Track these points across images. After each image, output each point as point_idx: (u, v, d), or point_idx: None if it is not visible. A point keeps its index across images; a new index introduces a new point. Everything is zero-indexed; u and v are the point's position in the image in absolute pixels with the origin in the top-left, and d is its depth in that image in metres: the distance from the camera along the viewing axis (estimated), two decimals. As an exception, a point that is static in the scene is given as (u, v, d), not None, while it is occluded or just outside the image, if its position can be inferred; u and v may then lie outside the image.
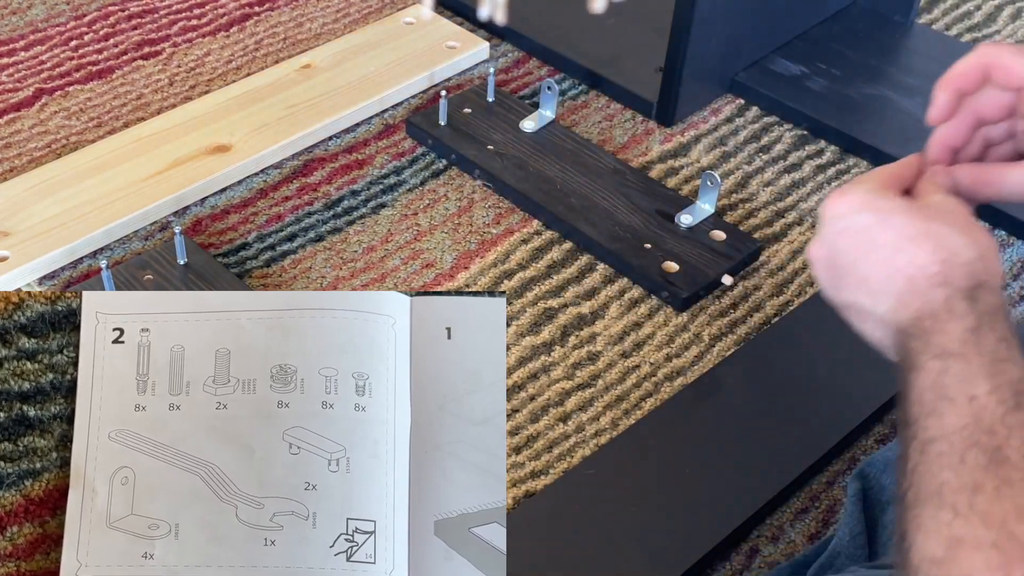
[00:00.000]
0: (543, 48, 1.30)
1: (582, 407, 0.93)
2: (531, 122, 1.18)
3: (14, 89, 1.21)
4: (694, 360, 0.97)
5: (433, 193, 1.12)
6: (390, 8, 1.36)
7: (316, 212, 1.09)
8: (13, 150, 1.14)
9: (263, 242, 1.06)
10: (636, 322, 1.00)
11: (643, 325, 1.00)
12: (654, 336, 0.99)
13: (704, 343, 0.98)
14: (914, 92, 1.24)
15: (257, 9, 1.35)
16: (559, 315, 1.00)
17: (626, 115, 1.23)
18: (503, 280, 1.03)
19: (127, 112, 1.19)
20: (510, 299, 1.01)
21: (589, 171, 1.13)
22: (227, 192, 1.11)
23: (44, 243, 1.01)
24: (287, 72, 1.24)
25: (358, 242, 1.07)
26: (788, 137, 1.21)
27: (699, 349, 0.98)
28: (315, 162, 1.15)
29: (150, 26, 1.31)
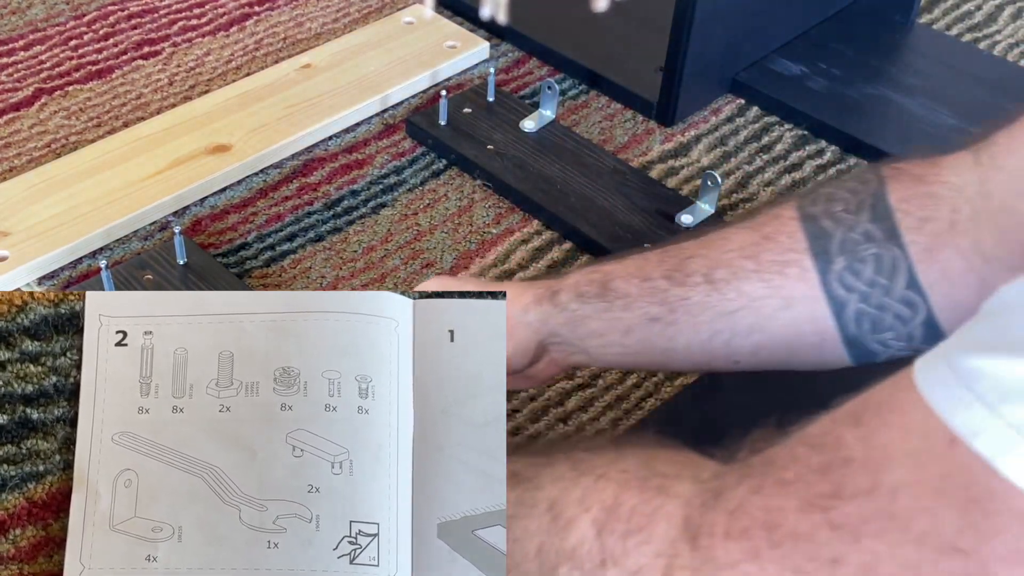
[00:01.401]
0: (543, 48, 1.30)
1: (582, 407, 0.93)
2: (531, 122, 1.18)
3: (13, 89, 1.21)
4: (695, 361, 0.97)
5: (433, 193, 1.12)
6: (390, 8, 1.36)
7: (316, 212, 1.09)
8: (12, 150, 1.14)
9: (263, 242, 1.06)
10: (637, 323, 1.00)
11: (644, 326, 1.00)
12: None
13: (705, 344, 0.98)
14: (915, 92, 1.24)
15: (257, 9, 1.35)
16: (560, 316, 1.00)
17: (626, 115, 1.23)
18: (503, 280, 1.03)
19: (127, 112, 1.19)
20: (511, 300, 1.01)
21: (589, 171, 1.13)
22: (227, 192, 1.11)
23: (44, 243, 1.01)
24: (287, 72, 1.24)
25: (358, 242, 1.07)
26: (788, 137, 1.21)
27: (700, 350, 0.98)
28: (315, 162, 1.15)
29: (150, 26, 1.31)
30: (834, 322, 0.71)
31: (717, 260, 0.73)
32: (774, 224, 0.73)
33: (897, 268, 0.69)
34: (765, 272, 0.72)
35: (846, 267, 0.70)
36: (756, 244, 0.73)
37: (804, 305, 0.71)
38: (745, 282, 0.72)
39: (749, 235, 0.74)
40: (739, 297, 0.72)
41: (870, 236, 0.70)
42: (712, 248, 0.74)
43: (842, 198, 0.72)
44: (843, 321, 0.71)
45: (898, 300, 0.70)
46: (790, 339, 0.73)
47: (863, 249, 0.70)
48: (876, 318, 0.71)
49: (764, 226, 0.74)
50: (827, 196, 0.73)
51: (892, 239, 0.69)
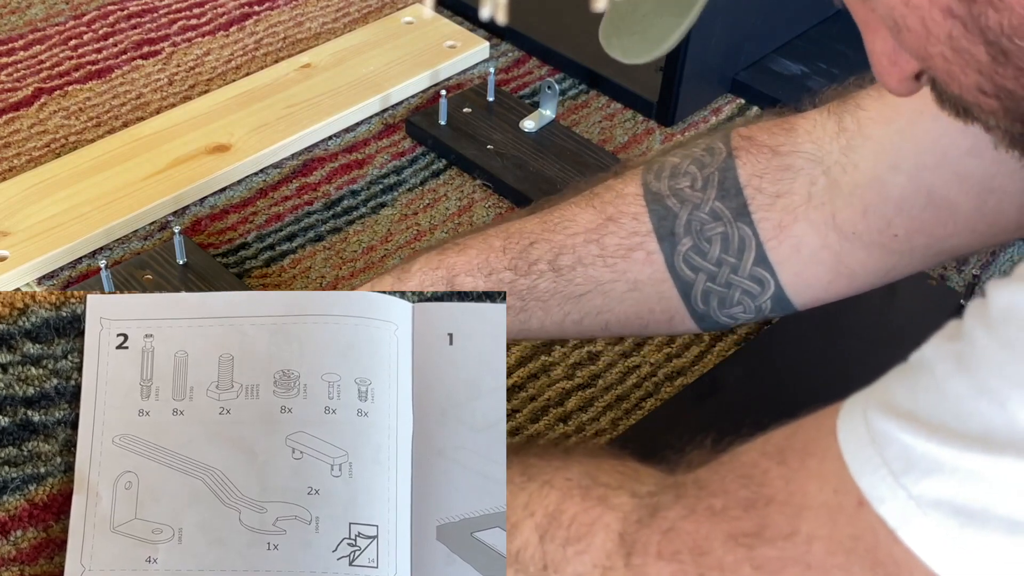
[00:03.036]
0: (543, 48, 1.30)
1: (582, 407, 0.93)
2: (531, 122, 1.18)
3: (13, 89, 1.21)
4: (694, 360, 0.97)
5: (433, 193, 1.12)
6: (390, 7, 1.36)
7: (316, 212, 1.09)
8: (12, 150, 1.14)
9: (263, 242, 1.06)
10: (636, 323, 1.00)
11: (643, 326, 1.00)
12: (654, 336, 0.99)
13: (704, 343, 0.99)
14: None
15: (257, 8, 1.35)
16: (559, 316, 1.00)
17: (626, 115, 1.23)
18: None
19: (126, 112, 1.19)
20: (510, 300, 1.01)
21: (589, 171, 1.13)
22: (226, 192, 1.11)
23: (43, 243, 1.01)
24: (287, 72, 1.24)
25: (358, 242, 1.07)
26: (788, 137, 1.21)
27: (699, 349, 0.98)
28: (315, 162, 1.15)
29: (149, 25, 1.31)
30: (681, 301, 0.71)
31: (561, 245, 0.72)
32: (618, 204, 0.72)
33: (745, 246, 0.69)
34: (610, 257, 0.71)
35: (692, 247, 0.69)
36: (600, 227, 0.72)
37: (651, 287, 0.71)
38: (591, 268, 0.72)
39: (593, 216, 0.72)
40: (586, 282, 0.72)
41: (717, 215, 0.69)
42: (555, 232, 0.73)
43: (689, 172, 0.70)
44: (690, 300, 0.71)
45: (746, 277, 0.69)
46: (641, 316, 0.73)
47: (709, 229, 0.69)
48: (723, 295, 0.70)
49: (608, 205, 0.72)
50: (673, 169, 0.71)
51: (741, 217, 0.69)
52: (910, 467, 0.42)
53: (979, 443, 0.40)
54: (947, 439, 0.41)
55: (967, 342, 0.43)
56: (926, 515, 0.42)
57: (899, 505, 0.42)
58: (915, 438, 0.42)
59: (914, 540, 0.42)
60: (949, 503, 0.41)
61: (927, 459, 0.42)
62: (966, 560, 0.41)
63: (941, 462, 0.41)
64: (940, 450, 0.42)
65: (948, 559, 0.41)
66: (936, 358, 0.44)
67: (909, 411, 0.43)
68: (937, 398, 0.43)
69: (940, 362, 0.43)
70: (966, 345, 0.43)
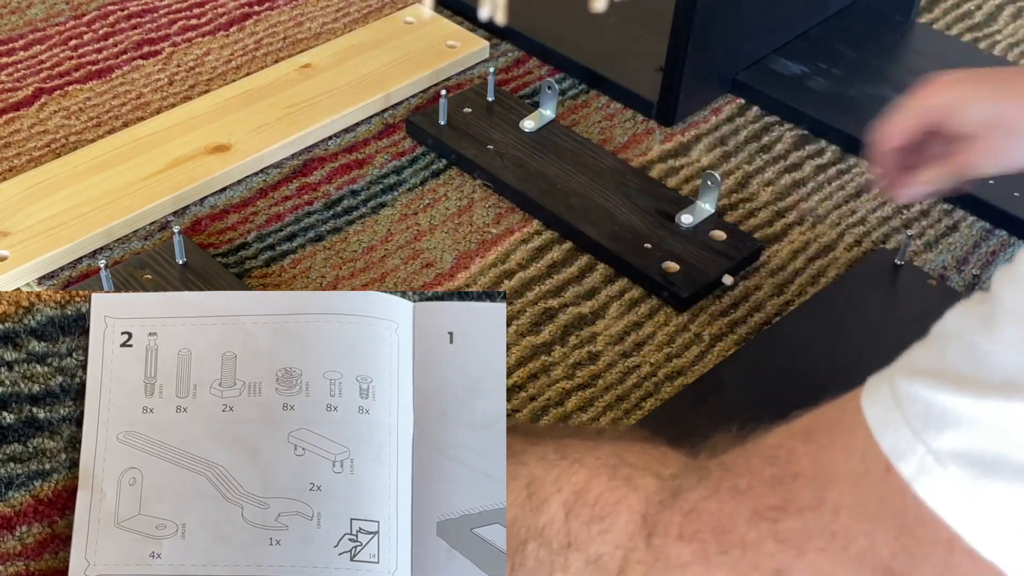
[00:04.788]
0: (543, 48, 1.30)
1: (582, 407, 0.93)
2: (531, 122, 1.18)
3: (13, 89, 1.21)
4: (694, 360, 0.98)
5: (433, 193, 1.13)
6: (390, 7, 1.37)
7: (316, 212, 1.10)
8: (12, 150, 1.14)
9: (263, 242, 1.06)
10: (636, 322, 1.00)
11: (643, 325, 1.00)
12: (654, 336, 0.99)
13: (704, 343, 0.99)
14: (912, 92, 1.24)
15: (257, 8, 1.35)
16: (559, 315, 1.01)
17: (626, 115, 1.23)
18: (503, 280, 1.03)
19: (126, 112, 1.19)
20: (510, 299, 1.01)
21: (589, 171, 1.13)
22: (226, 192, 1.11)
23: (43, 243, 1.02)
24: (287, 72, 1.24)
25: (358, 242, 1.07)
26: (789, 137, 1.22)
27: (699, 349, 0.98)
28: (315, 162, 1.15)
29: (149, 26, 1.31)
30: None
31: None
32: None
33: None
34: None
35: None
36: None
37: None
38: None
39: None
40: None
41: None
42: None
43: None
44: None
45: None
46: None
47: None
48: None
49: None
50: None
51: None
52: (930, 422, 0.43)
53: (999, 390, 0.41)
54: (969, 389, 0.42)
55: (994, 303, 0.44)
56: (945, 468, 0.42)
57: (917, 459, 0.43)
58: (938, 392, 0.43)
59: (931, 495, 0.42)
60: (966, 455, 0.41)
61: (948, 412, 0.42)
62: (981, 513, 0.41)
63: (959, 413, 0.42)
64: (961, 400, 0.42)
65: (964, 513, 0.41)
66: (961, 323, 0.45)
67: (937, 370, 0.44)
68: (965, 355, 0.43)
69: (966, 325, 0.44)
70: (993, 305, 0.44)
